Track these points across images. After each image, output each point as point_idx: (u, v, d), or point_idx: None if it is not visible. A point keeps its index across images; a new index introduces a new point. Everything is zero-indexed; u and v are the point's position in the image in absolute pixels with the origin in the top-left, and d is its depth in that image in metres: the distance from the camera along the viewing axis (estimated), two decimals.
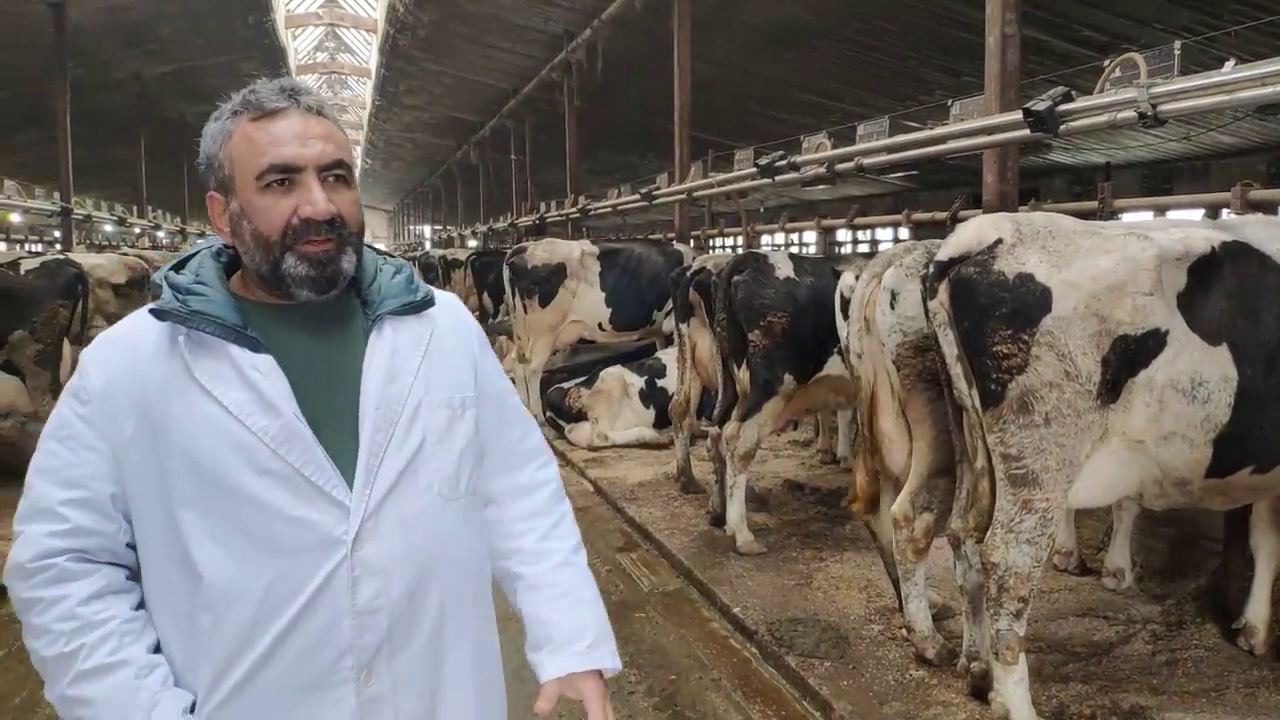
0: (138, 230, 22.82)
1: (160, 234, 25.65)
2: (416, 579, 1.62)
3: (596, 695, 1.78)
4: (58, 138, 16.10)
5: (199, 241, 1.78)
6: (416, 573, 1.62)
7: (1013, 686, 3.61)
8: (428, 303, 1.75)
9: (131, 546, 1.60)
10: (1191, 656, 4.34)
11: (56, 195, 16.20)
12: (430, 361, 1.70)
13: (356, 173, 1.72)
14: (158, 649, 1.59)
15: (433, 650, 1.65)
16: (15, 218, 19.01)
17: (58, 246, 17.72)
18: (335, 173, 1.60)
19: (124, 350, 1.59)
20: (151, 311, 1.58)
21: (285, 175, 1.57)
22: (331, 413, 1.60)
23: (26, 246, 20.99)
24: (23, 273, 7.82)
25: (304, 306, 1.63)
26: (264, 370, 1.56)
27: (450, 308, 1.82)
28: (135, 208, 22.40)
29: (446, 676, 1.67)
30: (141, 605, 1.61)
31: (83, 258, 10.63)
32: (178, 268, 1.67)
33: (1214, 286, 3.50)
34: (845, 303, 4.88)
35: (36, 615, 1.54)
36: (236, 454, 1.53)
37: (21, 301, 7.48)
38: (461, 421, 1.73)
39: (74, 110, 16.19)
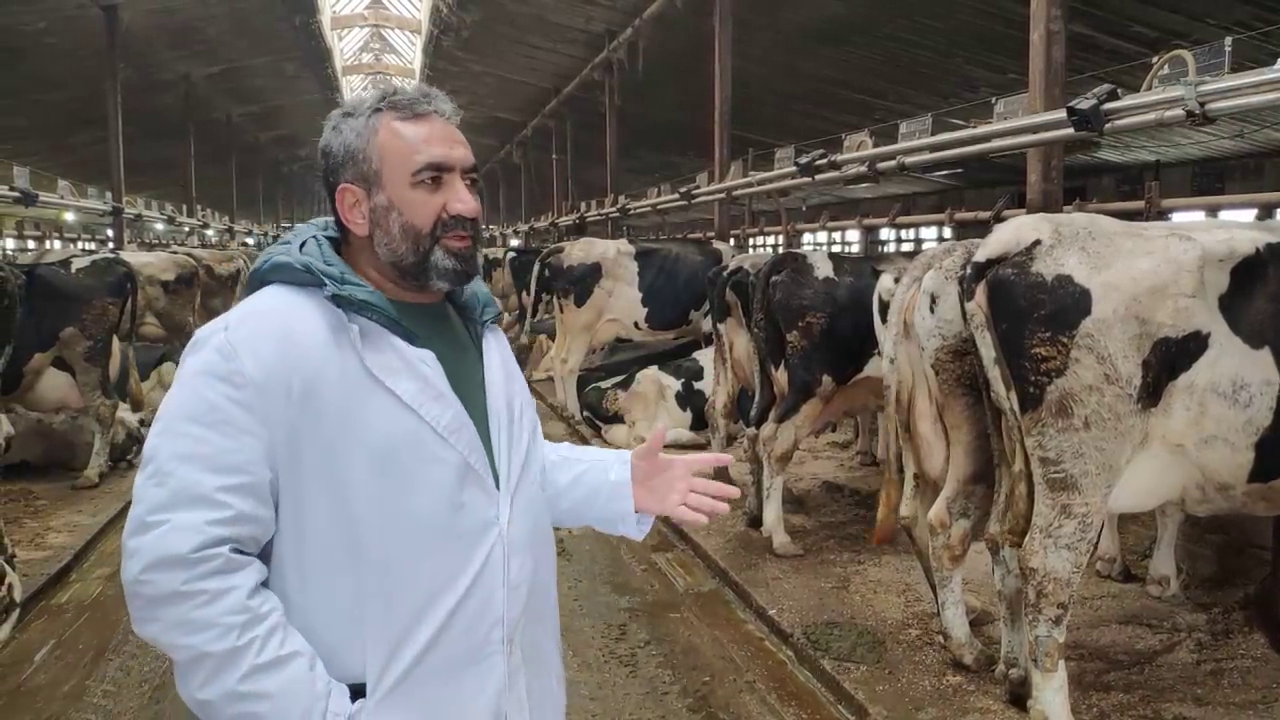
0: (187, 229, 23.22)
1: (209, 232, 26.08)
2: (538, 556, 1.78)
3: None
4: (109, 138, 16.41)
5: (300, 227, 1.81)
6: (537, 551, 1.78)
7: (1051, 694, 3.55)
8: (500, 315, 1.91)
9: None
10: (1238, 667, 4.25)
11: (108, 195, 16.50)
12: (511, 368, 1.85)
13: None
14: None
15: (543, 625, 1.81)
16: (69, 217, 19.41)
17: (110, 245, 18.06)
18: (472, 176, 1.72)
19: (276, 338, 1.58)
20: (330, 297, 1.61)
21: (438, 173, 1.66)
22: (467, 404, 1.69)
23: (80, 245, 21.41)
24: (73, 271, 7.99)
25: (423, 305, 1.74)
26: (429, 363, 1.65)
27: None
28: (184, 206, 22.78)
29: (542, 650, 1.81)
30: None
31: (133, 256, 10.86)
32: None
33: (1258, 289, 3.43)
34: (884, 306, 4.83)
35: (200, 608, 1.49)
36: (409, 441, 1.60)
37: (72, 299, 7.65)
38: (536, 425, 1.89)
39: (124, 111, 16.49)
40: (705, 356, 9.34)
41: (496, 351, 1.81)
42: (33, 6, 15.04)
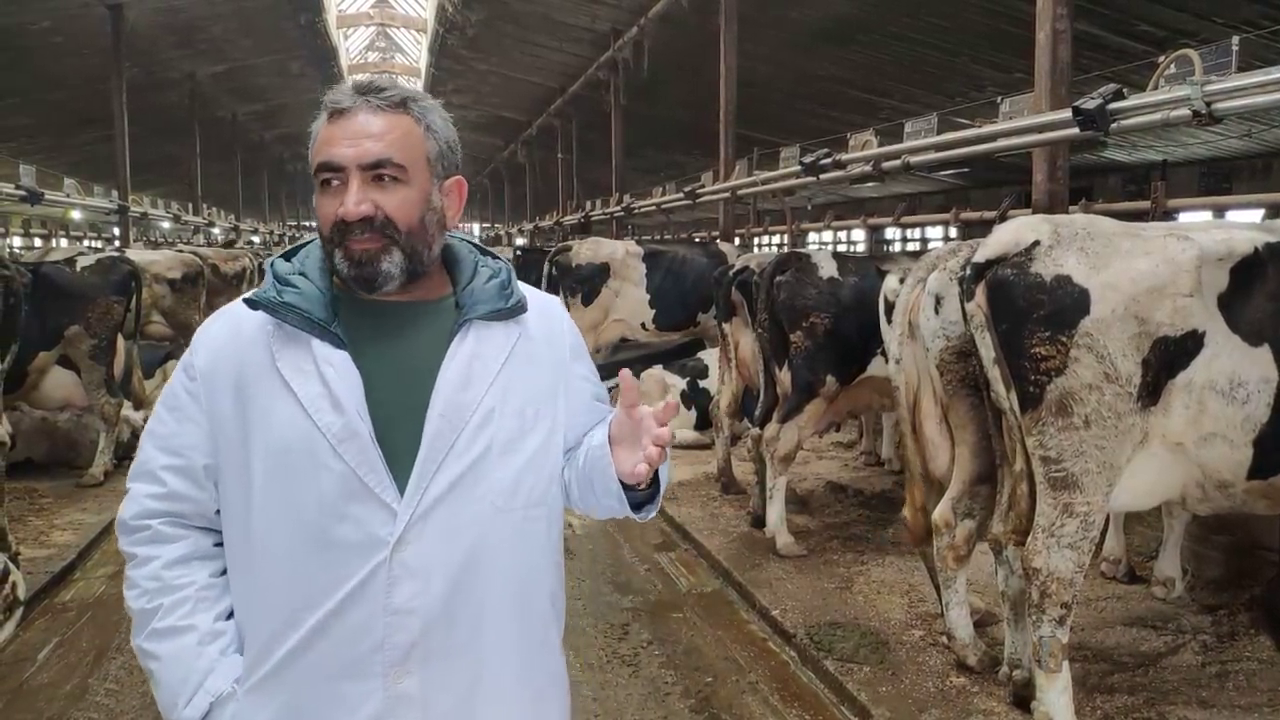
0: (193, 227, 23.26)
1: (215, 230, 26.12)
2: (455, 586, 1.62)
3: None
4: (115, 137, 16.42)
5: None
6: (456, 580, 1.62)
7: (1056, 695, 3.54)
8: (518, 309, 1.74)
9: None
10: (1244, 669, 4.23)
11: (114, 193, 16.54)
12: (510, 370, 1.69)
13: (438, 169, 1.70)
14: (229, 615, 1.69)
15: (470, 660, 1.64)
16: (75, 215, 19.46)
17: (116, 243, 18.10)
18: (383, 171, 1.60)
19: (229, 331, 1.68)
20: (245, 300, 1.67)
21: (332, 175, 1.61)
22: (404, 413, 1.62)
23: (86, 243, 21.47)
24: (79, 269, 8.00)
25: (395, 305, 1.68)
26: (338, 366, 1.60)
27: (547, 314, 1.82)
28: (190, 205, 22.82)
29: (486, 688, 1.65)
30: (224, 572, 1.71)
31: (139, 254, 10.88)
32: (289, 255, 1.74)
33: (1257, 287, 3.46)
34: (889, 307, 4.82)
35: (131, 569, 1.70)
36: (303, 446, 1.59)
37: (77, 297, 7.67)
38: (533, 433, 1.71)
39: (130, 109, 16.51)
40: (710, 356, 9.34)
41: (467, 353, 1.66)
42: (39, 5, 15.06)
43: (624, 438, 1.68)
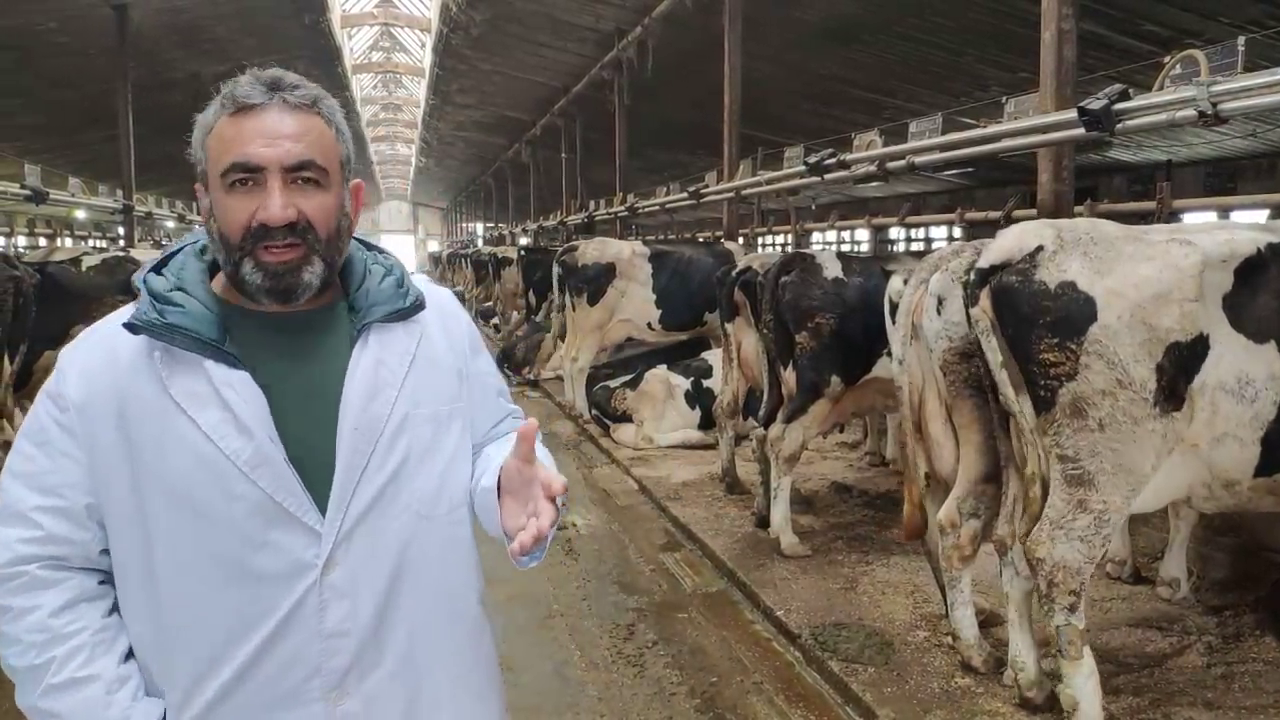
0: (197, 226, 23.30)
1: None
2: (386, 602, 1.58)
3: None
4: (119, 136, 16.46)
5: (186, 235, 1.71)
6: (386, 595, 1.58)
7: (1082, 680, 3.55)
8: (417, 307, 1.67)
9: (106, 553, 1.57)
10: (1249, 670, 4.22)
11: (119, 192, 16.58)
12: (417, 373, 1.63)
13: (346, 173, 1.61)
14: (130, 655, 1.57)
15: (406, 673, 1.61)
16: (80, 215, 19.50)
17: (121, 242, 18.14)
18: (304, 175, 1.52)
19: (103, 358, 1.54)
20: (126, 325, 1.52)
21: (247, 175, 1.50)
22: (315, 430, 1.54)
23: (90, 243, 21.51)
24: (84, 269, 8.03)
25: (286, 314, 1.57)
26: (239, 388, 1.50)
27: (442, 309, 1.75)
28: (194, 204, 22.85)
29: (426, 698, 1.63)
30: (115, 609, 1.58)
31: (144, 254, 10.88)
32: (159, 267, 1.60)
33: (1261, 287, 3.48)
34: (894, 307, 4.82)
35: (7, 624, 1.52)
36: (209, 476, 1.49)
37: (83, 297, 7.68)
38: (447, 433, 1.67)
39: (135, 109, 16.55)
40: (715, 355, 9.34)
41: (371, 360, 1.59)
42: (44, 6, 15.09)
43: (514, 490, 1.59)
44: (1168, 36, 10.57)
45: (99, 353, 1.55)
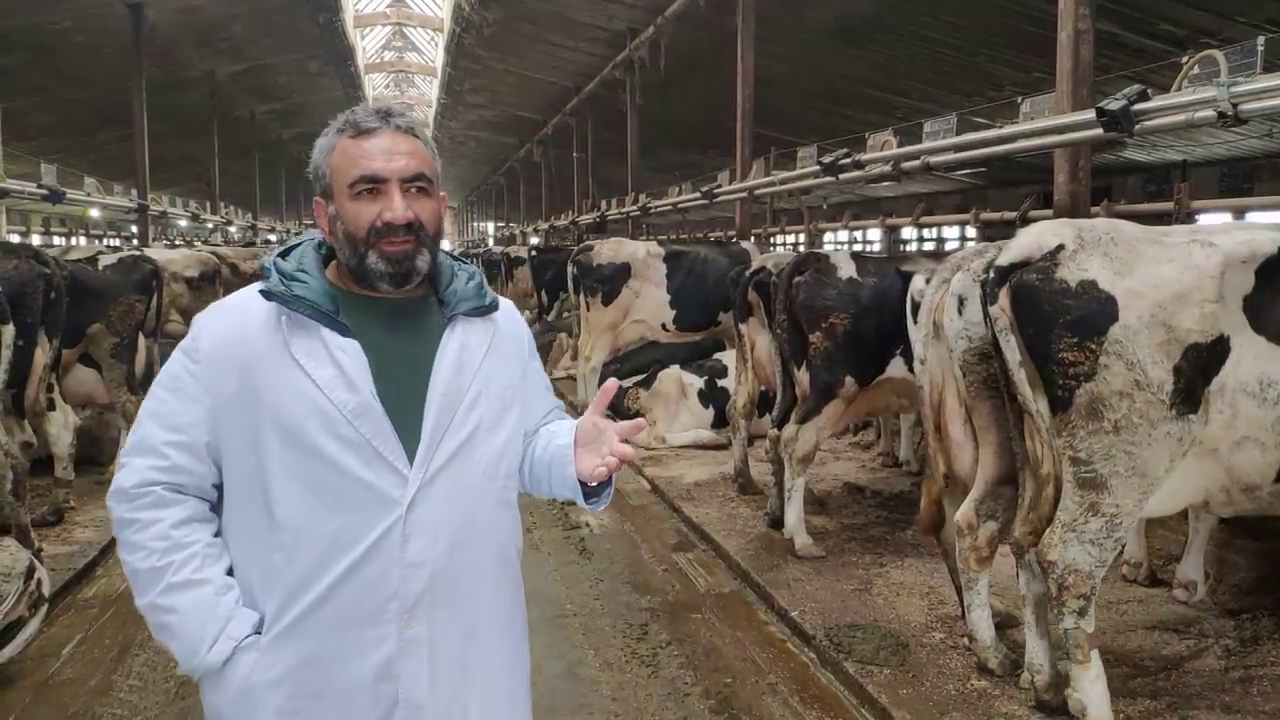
0: (210, 226, 23.38)
1: (232, 229, 26.25)
2: (456, 541, 1.86)
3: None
4: (134, 135, 16.54)
5: (304, 235, 2.07)
6: (457, 536, 1.86)
7: (1089, 684, 3.54)
8: (494, 307, 2.01)
9: (216, 486, 1.88)
10: (1267, 674, 4.20)
11: (134, 192, 16.66)
12: (491, 360, 1.95)
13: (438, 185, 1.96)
14: (231, 573, 1.85)
15: (468, 606, 1.88)
16: (95, 214, 19.61)
17: (135, 241, 18.22)
18: (417, 184, 1.86)
19: (235, 320, 1.86)
20: (260, 292, 1.84)
21: (373, 185, 1.83)
22: (405, 395, 1.84)
23: (105, 241, 21.61)
24: (101, 268, 8.05)
25: (388, 299, 1.89)
26: (349, 352, 1.81)
27: (509, 314, 2.09)
28: (208, 204, 22.94)
29: (479, 632, 1.91)
30: (219, 535, 1.88)
31: (158, 253, 10.94)
32: (284, 255, 1.93)
33: None
34: (916, 307, 4.81)
35: (135, 533, 1.82)
36: (318, 421, 1.78)
37: (99, 296, 7.69)
38: (509, 413, 1.99)
39: (150, 108, 16.62)
40: (728, 356, 9.33)
41: (457, 344, 1.91)
42: (60, 5, 15.19)
43: (587, 441, 1.96)
44: (1183, 36, 10.53)
45: (230, 316, 1.87)
